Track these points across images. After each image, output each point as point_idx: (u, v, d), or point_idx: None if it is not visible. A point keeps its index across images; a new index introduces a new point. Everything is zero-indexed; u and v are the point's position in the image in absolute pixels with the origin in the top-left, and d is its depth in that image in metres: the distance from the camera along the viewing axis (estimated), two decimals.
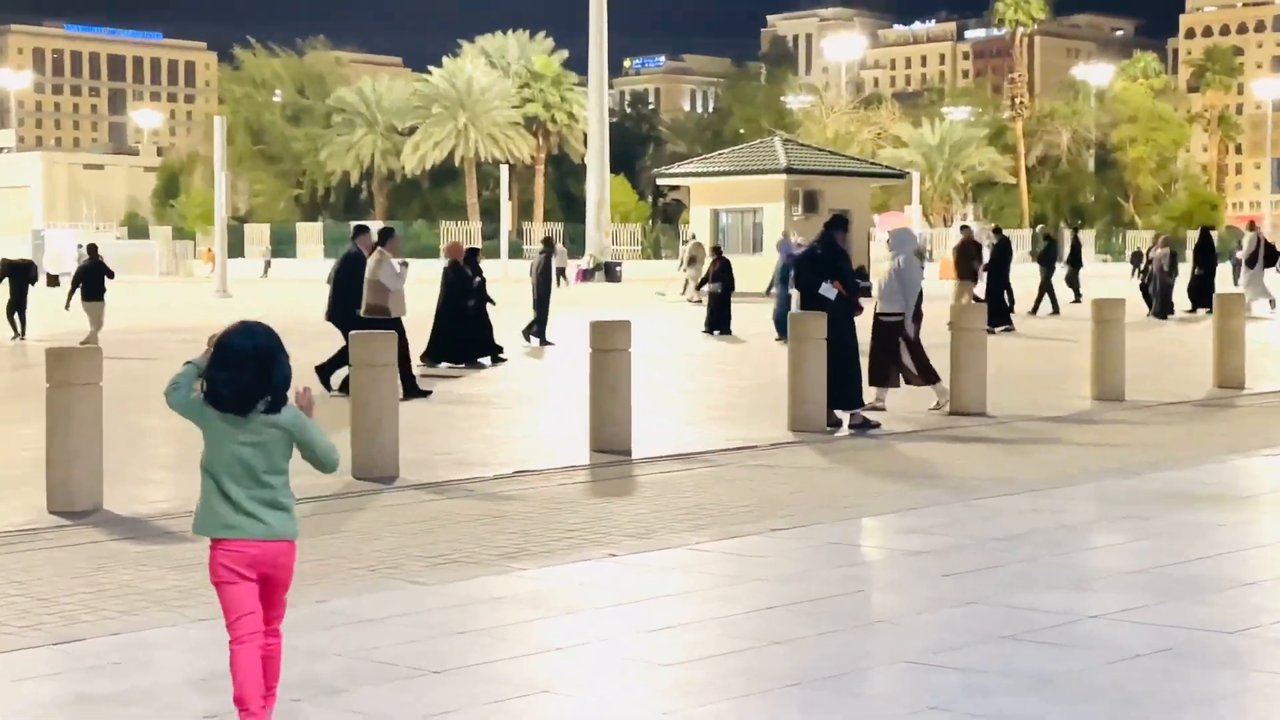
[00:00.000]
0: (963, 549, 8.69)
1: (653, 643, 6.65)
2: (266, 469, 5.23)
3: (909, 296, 15.51)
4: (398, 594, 7.64)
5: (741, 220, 49.88)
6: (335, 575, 8.14)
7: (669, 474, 11.91)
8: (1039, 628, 6.81)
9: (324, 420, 5.76)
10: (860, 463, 12.53)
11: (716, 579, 7.93)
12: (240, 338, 5.31)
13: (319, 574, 8.15)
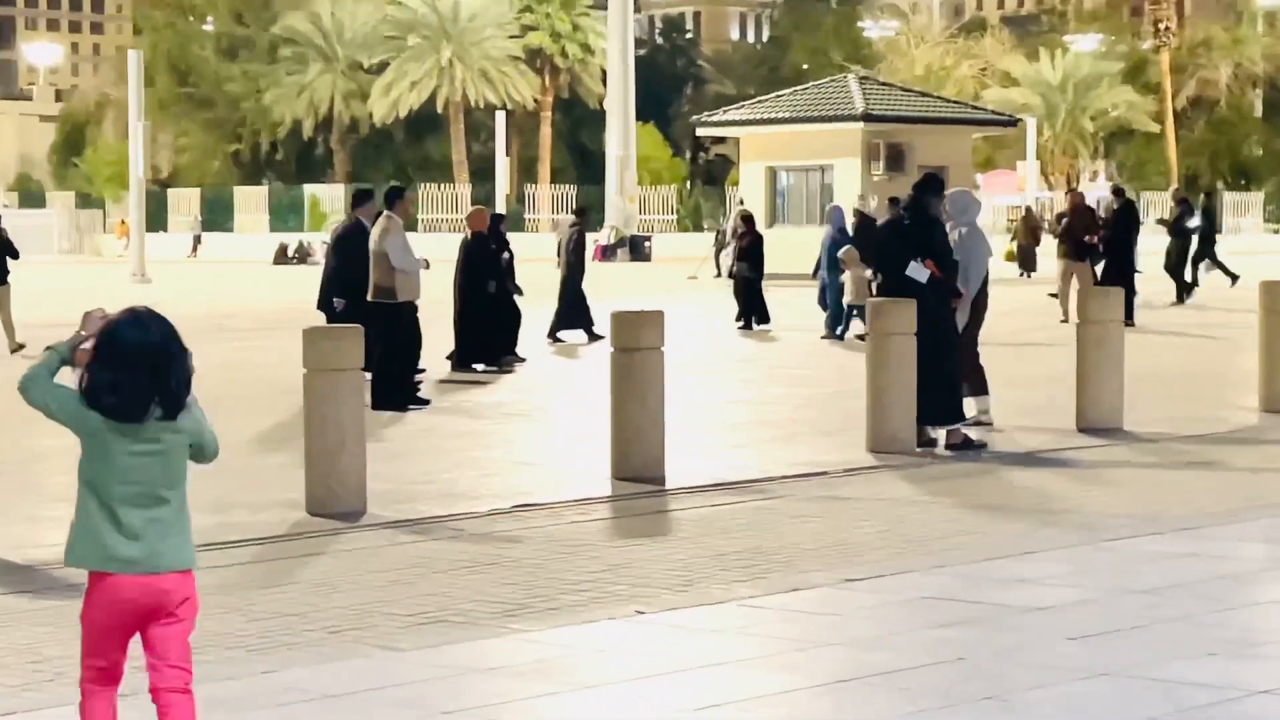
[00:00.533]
0: (1093, 605, 8.67)
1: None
2: (165, 483, 5.43)
3: (973, 278, 15.53)
4: (366, 663, 7.66)
5: (806, 181, 49.93)
6: (286, 639, 8.17)
7: (713, 508, 11.92)
8: (1192, 706, 6.80)
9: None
10: (961, 494, 12.52)
11: (776, 644, 7.93)
12: (131, 330, 5.37)
13: (265, 638, 8.18)
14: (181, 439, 5.46)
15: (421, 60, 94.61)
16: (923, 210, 14.88)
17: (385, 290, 17.89)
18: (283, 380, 18.30)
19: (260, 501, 12.25)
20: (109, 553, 5.36)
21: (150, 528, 5.39)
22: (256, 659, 7.75)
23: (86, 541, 5.39)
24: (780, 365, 23.44)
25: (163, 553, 5.40)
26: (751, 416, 17.57)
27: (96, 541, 5.37)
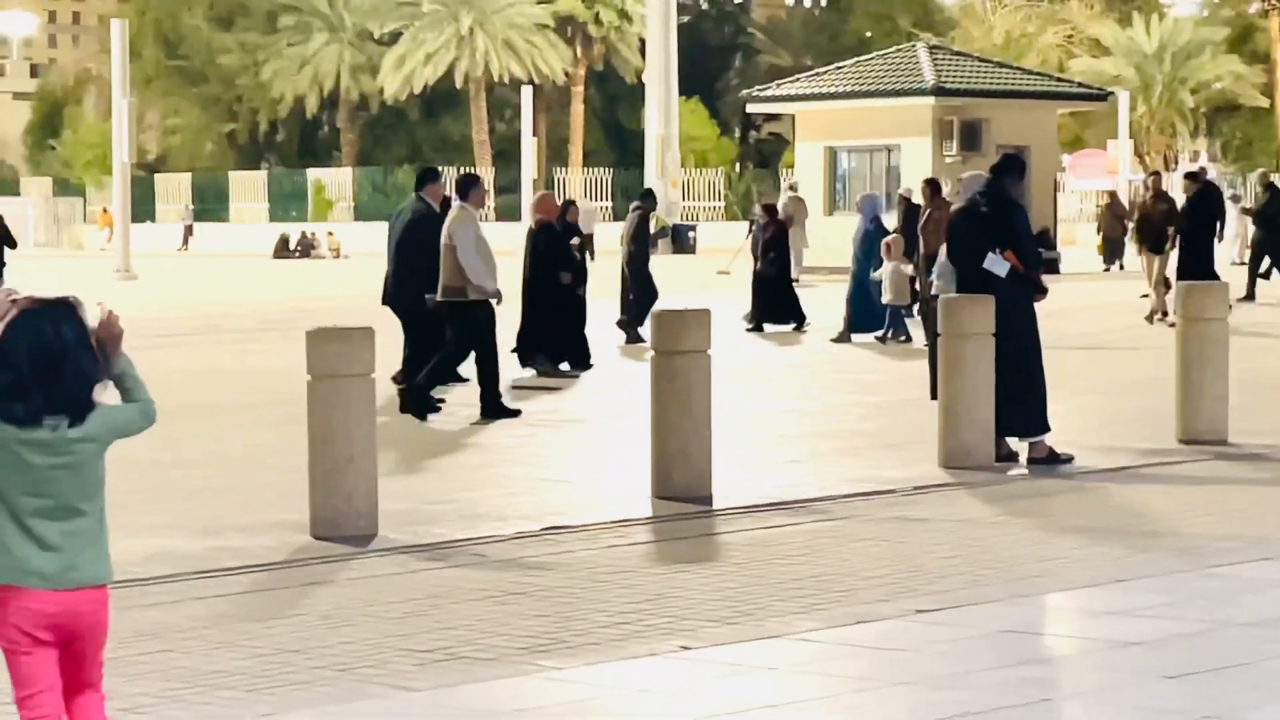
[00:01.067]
0: (1195, 639, 8.65)
1: None
2: (80, 496, 5.61)
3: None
4: (378, 704, 7.69)
5: (871, 162, 49.86)
6: (289, 678, 8.19)
7: (766, 531, 11.91)
8: None
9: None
10: (1045, 514, 12.50)
11: (838, 683, 7.92)
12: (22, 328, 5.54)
13: (265, 677, 8.21)
14: (95, 448, 5.63)
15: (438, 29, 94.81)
16: (1002, 195, 14.84)
17: (455, 289, 17.91)
18: (285, 387, 18.32)
19: (259, 523, 12.28)
20: (23, 566, 5.55)
21: (66, 541, 5.57)
22: (256, 700, 7.78)
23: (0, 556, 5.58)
24: (840, 370, 23.40)
25: (80, 566, 5.60)
26: (808, 428, 17.55)
27: (9, 555, 5.56)
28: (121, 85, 56.21)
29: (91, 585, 5.65)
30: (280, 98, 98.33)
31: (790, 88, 54.38)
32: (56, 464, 5.54)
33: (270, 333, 30.37)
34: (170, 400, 20.45)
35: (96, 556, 5.66)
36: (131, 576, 10.49)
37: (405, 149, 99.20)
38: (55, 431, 5.53)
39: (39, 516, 5.55)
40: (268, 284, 49.95)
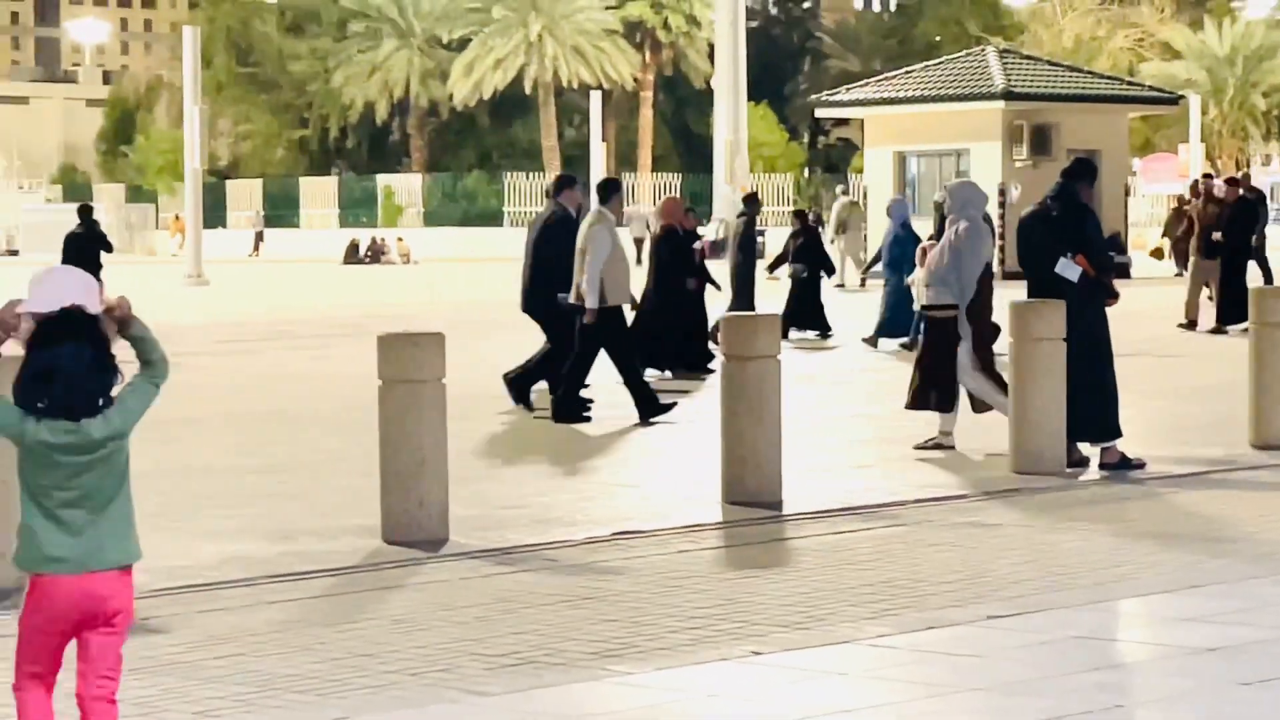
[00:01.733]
0: (1271, 645, 8.60)
1: None
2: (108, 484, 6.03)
3: (966, 282, 15.50)
4: (450, 709, 7.71)
5: (940, 167, 49.72)
6: (360, 682, 8.22)
7: (837, 536, 11.90)
8: None
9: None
10: (1118, 520, 12.44)
11: (909, 689, 7.91)
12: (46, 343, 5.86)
13: (337, 680, 8.24)
14: (118, 442, 6.01)
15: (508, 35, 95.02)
16: (1073, 199, 14.79)
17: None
18: (356, 393, 18.39)
19: (331, 528, 12.33)
20: (52, 554, 5.86)
21: (94, 526, 5.93)
22: (328, 704, 7.81)
23: (29, 545, 5.88)
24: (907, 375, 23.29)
25: (107, 548, 5.95)
26: (877, 433, 17.51)
27: (38, 544, 5.88)
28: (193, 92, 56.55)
29: (118, 567, 5.99)
30: (350, 104, 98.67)
31: (859, 92, 54.32)
32: (83, 461, 5.86)
33: (341, 338, 30.49)
34: (242, 406, 20.67)
35: (124, 539, 6.01)
36: (205, 580, 10.57)
37: (474, 155, 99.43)
38: (80, 433, 5.83)
39: (67, 506, 5.86)
40: (338, 290, 50.16)
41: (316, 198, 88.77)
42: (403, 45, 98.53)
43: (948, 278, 15.60)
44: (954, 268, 15.56)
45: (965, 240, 15.62)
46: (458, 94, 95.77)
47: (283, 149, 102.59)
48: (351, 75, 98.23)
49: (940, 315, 15.64)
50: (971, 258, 15.61)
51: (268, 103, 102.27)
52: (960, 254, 15.57)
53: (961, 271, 15.55)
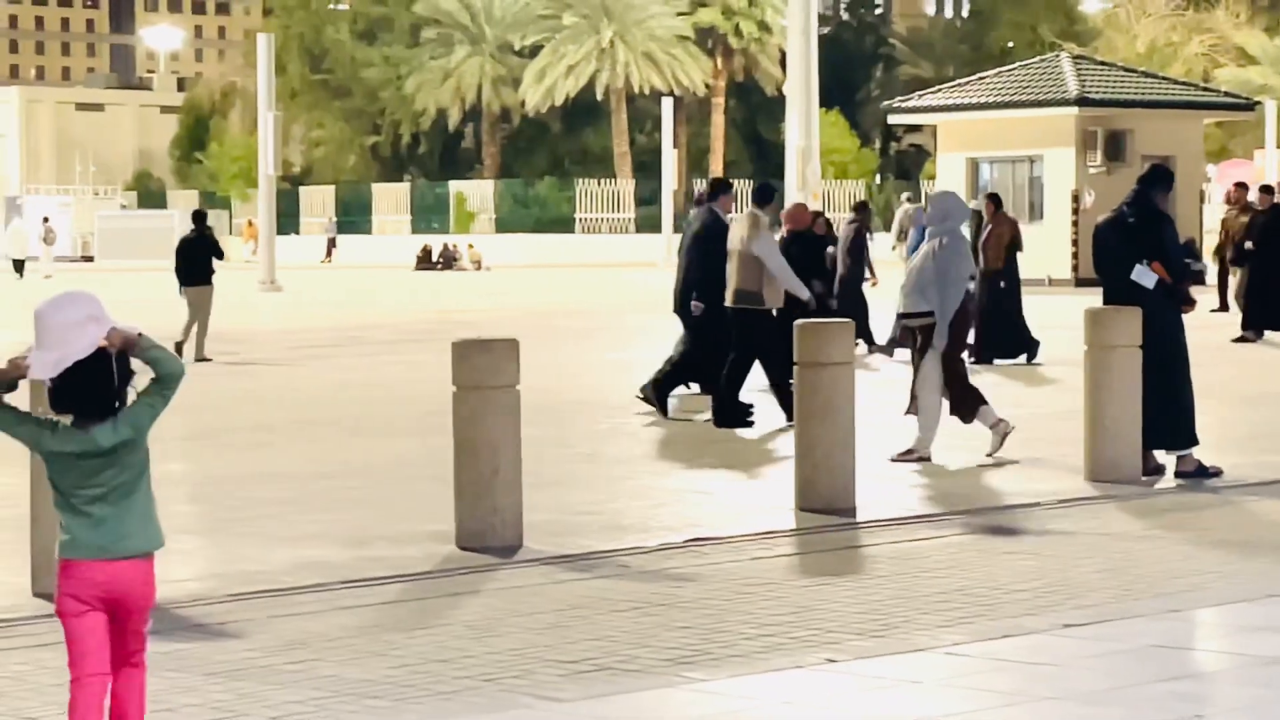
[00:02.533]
0: None
1: None
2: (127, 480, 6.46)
3: (945, 294, 15.45)
4: (524, 714, 7.71)
5: (1013, 173, 49.60)
6: (434, 688, 8.24)
7: (911, 543, 11.87)
8: None
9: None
10: (1195, 528, 12.37)
11: (985, 696, 7.88)
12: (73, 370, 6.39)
13: (411, 686, 8.25)
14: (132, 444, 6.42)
15: (579, 42, 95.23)
16: (1148, 205, 14.72)
17: (750, 295, 18.03)
18: (429, 399, 18.44)
19: (405, 534, 12.36)
20: (80, 542, 6.38)
21: (116, 518, 6.40)
22: (402, 710, 7.83)
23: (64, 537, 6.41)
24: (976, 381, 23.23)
25: (129, 536, 6.42)
26: (951, 440, 17.44)
27: (68, 534, 6.40)
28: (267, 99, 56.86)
29: (140, 554, 6.46)
30: (423, 110, 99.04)
31: (932, 99, 54.23)
32: (98, 463, 6.37)
33: (413, 344, 30.59)
34: (315, 412, 20.75)
35: (145, 528, 6.48)
36: (280, 586, 10.61)
37: (546, 161, 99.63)
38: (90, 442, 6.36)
39: (91, 502, 6.38)
40: (410, 296, 50.31)
41: (389, 204, 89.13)
42: (475, 52, 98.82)
43: (927, 288, 15.55)
44: (934, 278, 15.51)
45: (947, 252, 15.58)
46: (529, 100, 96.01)
47: (355, 155, 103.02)
48: (424, 82, 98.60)
49: (917, 323, 15.60)
50: (954, 269, 15.57)
51: (341, 109, 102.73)
52: (942, 265, 15.51)
53: (943, 283, 15.49)
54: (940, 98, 53.51)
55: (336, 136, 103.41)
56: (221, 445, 17.81)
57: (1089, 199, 45.87)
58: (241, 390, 23.61)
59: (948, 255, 15.61)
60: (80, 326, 6.34)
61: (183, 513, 13.72)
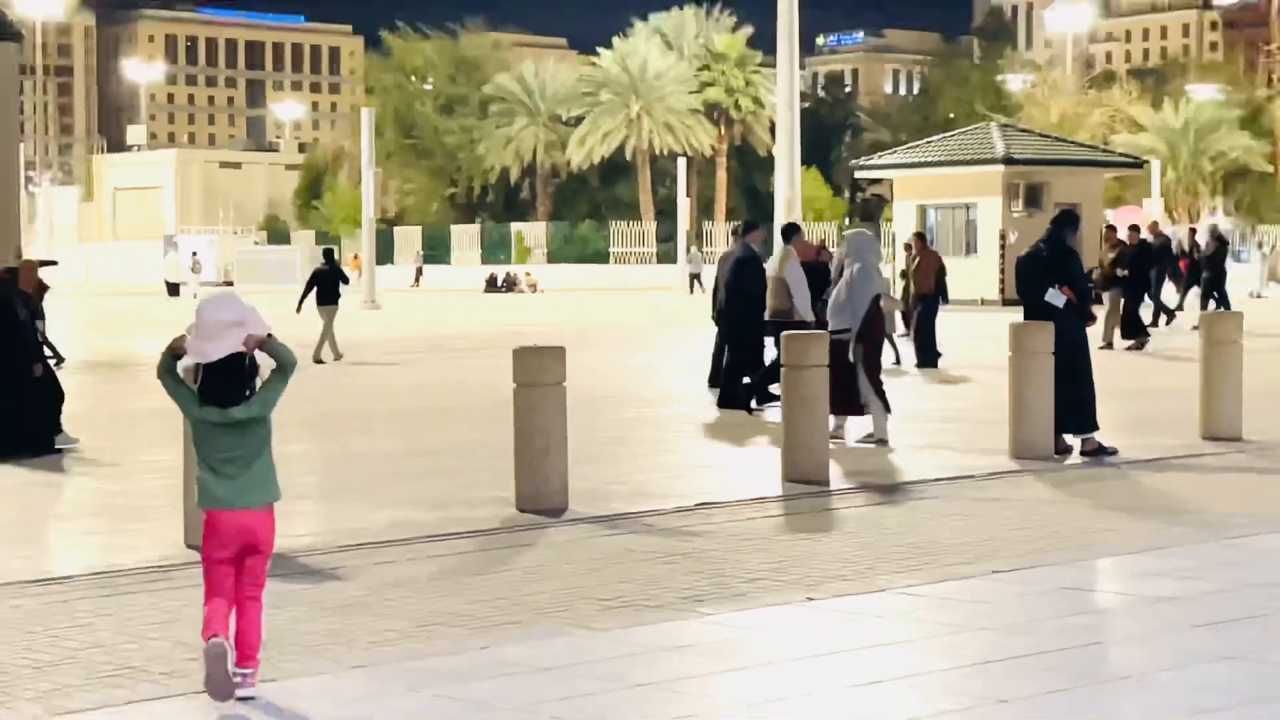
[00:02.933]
0: (1218, 595, 8.50)
1: (862, 699, 6.62)
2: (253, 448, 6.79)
3: (858, 310, 15.41)
4: (569, 641, 7.71)
5: (953, 218, 49.44)
6: (500, 620, 8.23)
7: (873, 507, 11.85)
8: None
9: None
10: (1095, 495, 12.33)
11: (932, 627, 7.86)
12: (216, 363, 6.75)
13: (483, 619, 8.25)
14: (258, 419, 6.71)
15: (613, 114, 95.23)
16: (1060, 242, 14.68)
17: (783, 311, 18.23)
18: (495, 393, 18.45)
19: (477, 499, 12.37)
20: (215, 495, 6.68)
21: (244, 477, 6.68)
22: (476, 637, 7.83)
23: (203, 491, 6.74)
24: (924, 381, 23.21)
25: (252, 491, 6.69)
26: (903, 427, 17.41)
27: (206, 490, 6.71)
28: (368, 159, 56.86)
29: (260, 505, 6.71)
30: (490, 168, 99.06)
31: (890, 158, 54.10)
32: (235, 431, 6.67)
33: (482, 351, 30.58)
34: (406, 404, 20.74)
35: (265, 485, 6.73)
36: (378, 540, 10.61)
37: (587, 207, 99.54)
38: (228, 416, 6.66)
39: (224, 462, 6.67)
40: (480, 313, 50.29)
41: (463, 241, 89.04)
42: (531, 122, 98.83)
43: (844, 309, 15.51)
44: (849, 301, 15.46)
45: (858, 280, 15.51)
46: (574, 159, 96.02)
47: (437, 203, 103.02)
48: (491, 145, 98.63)
49: (840, 338, 15.57)
50: (863, 293, 15.48)
51: (426, 167, 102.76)
52: (854, 291, 15.46)
53: (854, 304, 15.45)
54: (896, 157, 53.36)
55: (422, 188, 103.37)
56: (333, 430, 17.83)
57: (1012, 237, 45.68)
58: (348, 386, 23.62)
59: (859, 282, 15.53)
60: (229, 328, 6.60)
61: (303, 483, 13.74)
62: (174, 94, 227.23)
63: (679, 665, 7.20)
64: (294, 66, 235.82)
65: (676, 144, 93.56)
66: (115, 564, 9.89)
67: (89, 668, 7.31)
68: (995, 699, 6.55)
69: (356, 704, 6.65)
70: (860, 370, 15.52)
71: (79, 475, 14.45)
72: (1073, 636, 7.62)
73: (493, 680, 6.95)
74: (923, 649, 7.45)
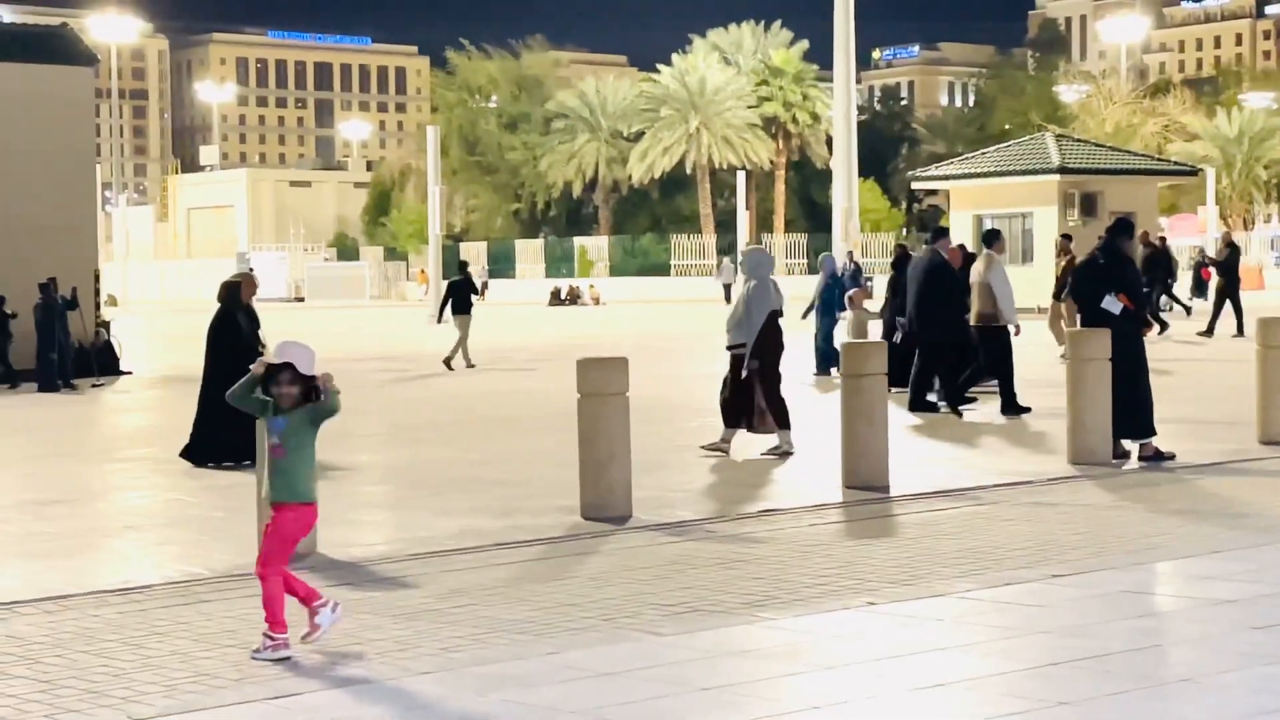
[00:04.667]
0: (1276, 598, 8.41)
1: (923, 702, 6.58)
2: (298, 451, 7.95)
3: (755, 323, 15.26)
4: (634, 646, 7.70)
5: (1009, 226, 49.19)
6: (566, 625, 8.23)
7: (932, 513, 11.79)
8: None
9: None
10: (1153, 499, 12.23)
11: (991, 631, 7.81)
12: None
13: (548, 624, 8.26)
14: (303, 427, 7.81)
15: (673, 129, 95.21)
16: (1115, 250, 14.58)
17: (988, 315, 18.45)
18: (559, 403, 18.49)
19: (542, 507, 12.38)
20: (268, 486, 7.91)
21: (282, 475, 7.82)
22: (542, 642, 7.83)
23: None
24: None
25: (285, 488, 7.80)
26: (963, 433, 17.34)
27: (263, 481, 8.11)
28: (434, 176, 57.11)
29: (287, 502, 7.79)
30: (553, 183, 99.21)
31: (946, 169, 53.90)
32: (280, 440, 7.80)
33: (547, 362, 30.63)
34: (471, 413, 20.79)
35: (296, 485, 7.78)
36: (446, 548, 10.64)
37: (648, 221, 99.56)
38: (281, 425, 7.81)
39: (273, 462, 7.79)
40: (544, 325, 50.39)
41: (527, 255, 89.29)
42: (593, 138, 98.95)
43: (741, 325, 15.40)
44: (746, 317, 15.34)
45: (755, 296, 15.37)
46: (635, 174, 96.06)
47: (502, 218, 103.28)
48: (554, 161, 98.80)
49: (736, 352, 15.47)
50: (760, 307, 15.34)
51: (490, 183, 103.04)
52: (750, 306, 15.34)
53: (751, 320, 15.32)
54: (953, 168, 53.16)
55: (487, 204, 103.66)
56: (402, 440, 17.90)
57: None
58: (417, 397, 23.71)
59: (755, 296, 15.37)
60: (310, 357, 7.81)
61: (372, 492, 13.81)
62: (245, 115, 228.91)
63: (742, 670, 7.18)
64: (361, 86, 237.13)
65: (735, 158, 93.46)
66: (191, 573, 9.96)
67: (166, 675, 7.36)
68: (1055, 701, 6.51)
69: (425, 708, 6.66)
70: (757, 385, 15.38)
71: (154, 487, 14.57)
72: (1132, 640, 7.55)
73: (558, 685, 6.96)
74: (983, 653, 7.40)
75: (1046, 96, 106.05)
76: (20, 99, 30.32)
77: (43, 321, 26.90)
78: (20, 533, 11.89)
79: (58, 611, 8.85)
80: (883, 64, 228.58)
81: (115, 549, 11.32)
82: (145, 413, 23.26)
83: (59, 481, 15.00)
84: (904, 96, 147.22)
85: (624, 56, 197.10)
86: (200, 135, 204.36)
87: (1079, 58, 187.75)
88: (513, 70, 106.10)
